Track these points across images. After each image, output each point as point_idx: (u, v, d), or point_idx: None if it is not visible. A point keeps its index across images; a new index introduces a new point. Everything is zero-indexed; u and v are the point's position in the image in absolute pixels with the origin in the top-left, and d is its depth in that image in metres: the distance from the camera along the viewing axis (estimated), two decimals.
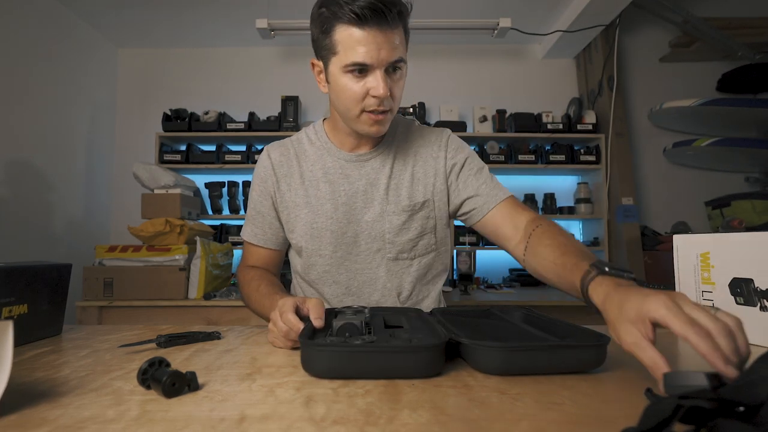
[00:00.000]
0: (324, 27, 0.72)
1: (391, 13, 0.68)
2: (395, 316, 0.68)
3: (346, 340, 0.51)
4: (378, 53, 0.69)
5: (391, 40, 0.70)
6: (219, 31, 2.58)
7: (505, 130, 2.50)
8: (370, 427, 0.35)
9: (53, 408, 0.39)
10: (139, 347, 0.62)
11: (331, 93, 0.80)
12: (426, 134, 0.91)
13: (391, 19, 0.68)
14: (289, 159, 0.90)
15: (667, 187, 2.66)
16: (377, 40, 0.69)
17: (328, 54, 0.75)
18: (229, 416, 0.37)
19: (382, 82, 0.71)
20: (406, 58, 0.76)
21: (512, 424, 0.35)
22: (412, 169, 0.87)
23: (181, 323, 0.83)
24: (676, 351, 0.60)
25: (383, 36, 0.69)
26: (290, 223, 0.89)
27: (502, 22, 2.12)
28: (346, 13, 0.67)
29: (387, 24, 0.68)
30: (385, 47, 0.69)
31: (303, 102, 2.67)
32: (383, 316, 0.68)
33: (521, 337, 0.59)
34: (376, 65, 0.71)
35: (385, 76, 0.72)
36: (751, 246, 0.62)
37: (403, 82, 0.77)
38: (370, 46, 0.69)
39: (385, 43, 0.69)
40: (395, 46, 0.71)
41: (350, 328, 0.55)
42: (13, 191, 1.98)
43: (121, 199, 2.66)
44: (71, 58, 2.37)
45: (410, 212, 0.86)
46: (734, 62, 2.60)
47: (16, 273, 0.63)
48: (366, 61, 0.70)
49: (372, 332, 0.57)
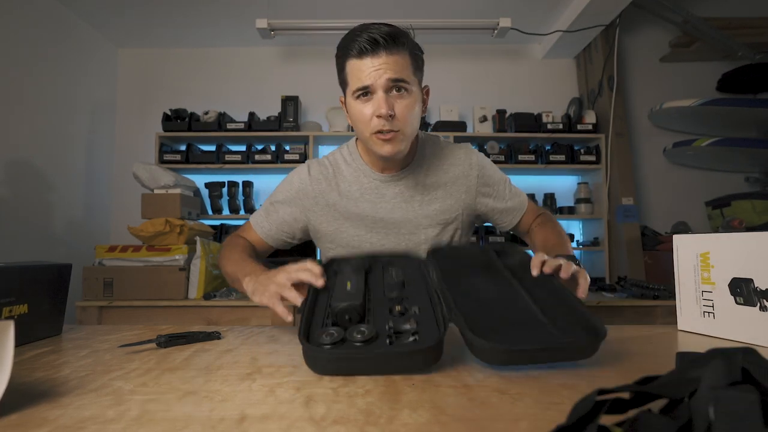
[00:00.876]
0: (339, 66, 0.84)
1: (386, 42, 0.76)
2: (395, 274, 0.69)
3: (346, 335, 0.51)
4: (377, 74, 0.77)
5: (390, 63, 0.77)
6: (219, 31, 2.58)
7: (505, 130, 2.50)
8: (370, 427, 0.35)
9: (53, 408, 0.39)
10: (139, 347, 0.62)
11: (351, 121, 0.87)
12: (454, 151, 0.97)
13: (387, 46, 0.77)
14: (327, 177, 0.95)
15: (667, 187, 2.66)
16: (375, 65, 0.77)
17: (345, 87, 0.85)
18: (229, 416, 0.37)
19: (382, 101, 0.78)
20: (415, 80, 0.82)
21: (512, 424, 0.35)
22: (444, 185, 0.94)
23: (181, 323, 0.83)
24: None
25: (380, 61, 0.77)
26: (329, 235, 0.95)
27: (502, 22, 2.13)
28: (351, 50, 0.79)
29: (385, 50, 0.77)
30: (383, 69, 0.77)
31: (303, 102, 2.67)
32: (383, 273, 0.71)
33: (518, 322, 0.56)
34: (377, 86, 0.78)
35: (387, 97, 0.79)
36: (751, 246, 0.62)
37: (411, 104, 0.81)
38: (370, 70, 0.78)
39: (383, 65, 0.77)
40: (394, 69, 0.78)
41: (350, 311, 0.56)
42: (13, 191, 1.98)
43: (121, 199, 2.66)
44: (71, 58, 2.37)
45: (443, 225, 0.94)
46: (734, 62, 2.60)
47: (16, 273, 0.63)
48: (366, 83, 0.78)
49: (371, 315, 0.58)
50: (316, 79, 2.73)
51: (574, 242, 2.50)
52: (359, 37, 0.77)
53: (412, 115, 0.81)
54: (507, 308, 0.59)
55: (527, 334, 0.53)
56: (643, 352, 0.58)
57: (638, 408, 0.29)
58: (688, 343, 0.64)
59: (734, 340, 0.64)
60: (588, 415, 0.26)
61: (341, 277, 0.66)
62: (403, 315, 0.57)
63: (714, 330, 0.67)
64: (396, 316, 0.57)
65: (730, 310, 0.64)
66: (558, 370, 0.49)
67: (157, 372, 0.50)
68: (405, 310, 0.58)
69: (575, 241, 2.51)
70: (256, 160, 2.43)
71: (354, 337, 0.51)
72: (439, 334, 0.51)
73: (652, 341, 0.64)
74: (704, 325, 0.68)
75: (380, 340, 0.51)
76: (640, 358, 0.55)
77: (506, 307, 0.60)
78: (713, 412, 0.23)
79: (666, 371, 0.33)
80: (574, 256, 0.80)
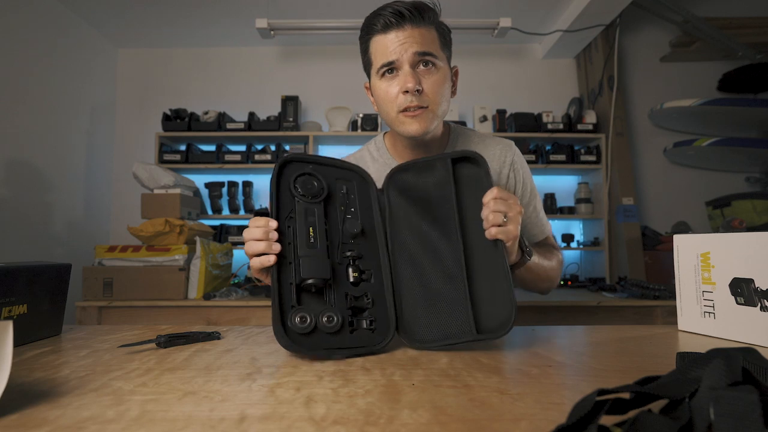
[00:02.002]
0: (363, 47, 0.80)
1: (412, 14, 0.73)
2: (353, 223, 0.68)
3: (317, 322, 0.58)
4: (402, 48, 0.74)
5: (416, 36, 0.73)
6: (219, 31, 2.58)
7: (505, 130, 2.50)
8: (370, 427, 0.35)
9: (53, 408, 0.39)
10: (139, 347, 0.61)
11: (376, 104, 0.83)
12: (490, 147, 0.90)
13: (413, 19, 0.73)
14: None
15: (667, 187, 2.66)
16: (400, 39, 0.74)
17: (369, 69, 0.81)
18: (229, 416, 0.37)
19: (409, 76, 0.74)
20: (443, 56, 0.77)
21: (512, 424, 0.35)
22: None
23: (181, 323, 0.83)
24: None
25: (406, 34, 0.73)
26: None
27: (502, 22, 2.13)
28: (374, 25, 0.75)
29: (410, 23, 0.73)
30: (409, 42, 0.73)
31: (303, 102, 2.67)
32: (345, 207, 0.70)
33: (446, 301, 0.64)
34: (403, 60, 0.74)
35: (414, 72, 0.75)
36: (751, 246, 0.62)
37: (440, 80, 0.76)
38: (395, 44, 0.74)
39: (409, 38, 0.73)
40: (421, 42, 0.74)
41: (317, 284, 0.60)
42: (13, 191, 1.98)
43: (121, 199, 2.66)
44: (71, 58, 2.37)
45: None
46: (735, 62, 2.60)
47: (16, 273, 0.63)
48: (392, 58, 0.74)
49: (333, 285, 0.62)
50: (316, 79, 2.73)
51: (574, 242, 2.50)
52: (384, 11, 0.73)
53: (441, 91, 0.76)
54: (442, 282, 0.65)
55: (448, 320, 0.62)
56: (643, 353, 0.58)
57: (638, 408, 0.29)
58: (689, 344, 0.64)
59: (735, 341, 0.64)
60: (588, 415, 0.26)
61: (302, 219, 0.64)
62: (358, 299, 0.63)
63: (714, 330, 0.67)
64: (353, 299, 0.63)
65: (731, 311, 0.64)
66: (558, 370, 0.49)
67: (157, 372, 0.50)
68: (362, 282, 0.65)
69: (575, 241, 2.51)
70: (256, 160, 2.43)
71: (324, 326, 0.59)
72: (390, 326, 0.62)
73: (652, 341, 0.64)
74: (705, 326, 0.68)
75: (343, 329, 0.60)
76: (640, 358, 0.55)
77: (442, 280, 0.66)
78: (714, 412, 0.23)
79: (666, 371, 0.33)
80: (530, 252, 0.76)
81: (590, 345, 0.65)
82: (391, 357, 0.56)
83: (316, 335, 0.58)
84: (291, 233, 0.63)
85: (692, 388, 0.28)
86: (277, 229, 0.61)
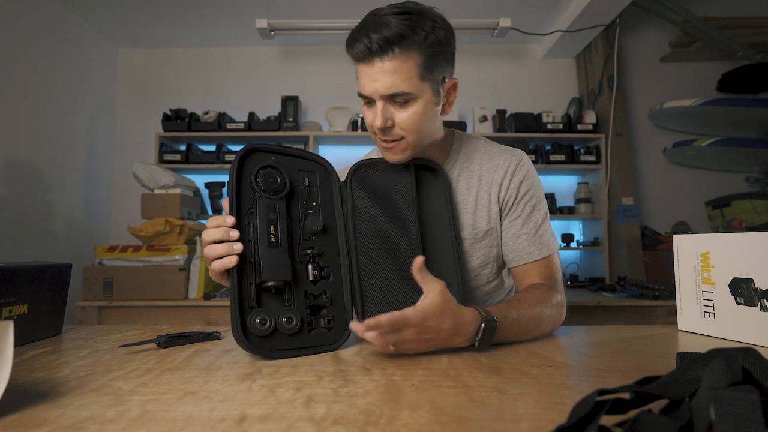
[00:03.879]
0: (355, 68, 0.75)
1: (381, 48, 0.67)
2: (314, 221, 0.67)
3: (276, 324, 0.58)
4: (372, 86, 0.70)
5: (386, 71, 0.68)
6: (219, 31, 2.58)
7: (505, 130, 2.50)
8: (370, 427, 0.35)
9: (53, 408, 0.39)
10: (139, 347, 0.61)
11: None
12: (495, 156, 0.84)
13: (383, 52, 0.67)
14: None
15: (667, 187, 2.66)
16: (370, 75, 0.69)
17: None
18: (229, 416, 0.37)
19: (377, 114, 0.71)
20: (422, 86, 0.70)
21: (512, 424, 0.35)
22: (476, 194, 0.82)
23: (181, 323, 0.83)
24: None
25: (375, 70, 0.69)
26: None
27: (502, 22, 2.12)
28: (351, 48, 0.71)
29: (379, 58, 0.68)
30: (380, 80, 0.69)
31: (303, 102, 2.67)
32: (306, 202, 0.68)
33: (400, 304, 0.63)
34: (374, 97, 0.71)
35: (387, 108, 0.71)
36: (751, 246, 0.62)
37: (416, 111, 0.71)
38: (366, 80, 0.70)
39: (379, 75, 0.69)
40: (390, 81, 0.68)
41: (277, 285, 0.60)
42: (13, 191, 1.98)
43: (121, 199, 2.66)
44: (71, 58, 2.37)
45: (473, 240, 0.81)
46: (734, 62, 2.60)
47: (16, 273, 0.63)
48: (363, 93, 0.72)
49: (293, 291, 0.62)
50: (316, 79, 2.73)
51: (574, 242, 2.50)
52: (358, 40, 0.68)
53: (417, 121, 0.72)
54: (400, 282, 0.67)
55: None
56: (643, 352, 0.58)
57: (639, 408, 0.29)
58: (689, 344, 0.64)
59: (735, 341, 0.64)
60: (588, 415, 0.26)
61: (263, 216, 0.62)
62: (317, 297, 0.64)
63: (714, 330, 0.67)
64: (312, 297, 0.63)
65: (731, 311, 0.64)
66: (558, 370, 0.49)
67: (157, 372, 0.50)
68: (321, 280, 0.65)
69: (575, 241, 2.51)
70: None
71: (284, 327, 0.59)
72: (347, 324, 0.62)
73: (652, 341, 0.64)
74: (705, 325, 0.68)
75: (302, 329, 0.60)
76: (640, 358, 0.55)
77: (400, 280, 0.67)
78: (714, 412, 0.23)
79: (666, 371, 0.33)
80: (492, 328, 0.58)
81: (590, 345, 0.65)
82: (391, 357, 0.56)
83: (275, 336, 0.58)
84: (251, 230, 0.62)
85: (692, 388, 0.28)
86: (237, 226, 0.60)
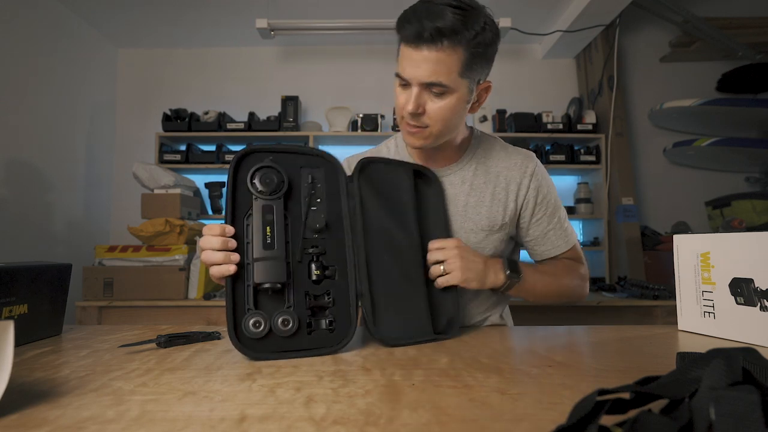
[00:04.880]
0: (398, 47, 0.78)
1: (432, 37, 0.70)
2: (317, 217, 0.66)
3: (271, 325, 0.57)
4: (413, 71, 0.72)
5: (431, 61, 0.71)
6: (219, 31, 2.58)
7: (505, 130, 2.50)
8: (370, 427, 0.35)
9: (53, 408, 0.39)
10: (139, 347, 0.61)
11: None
12: (512, 155, 0.90)
13: (433, 41, 0.70)
14: None
15: (667, 187, 2.66)
16: (414, 60, 0.72)
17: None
18: (229, 416, 0.37)
19: (412, 99, 0.74)
20: (460, 81, 0.73)
21: (512, 424, 0.35)
22: (493, 189, 0.87)
23: (181, 323, 0.83)
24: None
25: (421, 56, 0.71)
26: None
27: (502, 22, 2.12)
28: (402, 29, 0.73)
29: (427, 47, 0.70)
30: (422, 67, 0.71)
31: (303, 102, 2.67)
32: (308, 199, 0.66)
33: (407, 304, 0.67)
34: (412, 82, 0.73)
35: (422, 94, 0.74)
36: (751, 246, 0.62)
37: (448, 105, 0.74)
38: (409, 64, 0.73)
39: (423, 63, 0.71)
40: (433, 69, 0.71)
41: (273, 289, 0.59)
42: (13, 191, 1.98)
43: (121, 199, 2.66)
44: (71, 58, 2.37)
45: (488, 232, 0.86)
46: (734, 62, 2.59)
47: (16, 273, 0.63)
48: (402, 74, 0.74)
49: (293, 291, 0.61)
50: (316, 79, 2.73)
51: None
52: (411, 21, 0.71)
53: (446, 115, 0.76)
54: (403, 281, 0.68)
55: (409, 318, 0.66)
56: (643, 352, 0.58)
57: (639, 408, 0.29)
58: (689, 344, 0.64)
59: (735, 341, 0.64)
60: (588, 415, 0.26)
61: (259, 218, 0.61)
62: (318, 297, 0.62)
63: (714, 330, 0.67)
64: (314, 298, 0.62)
65: (731, 311, 0.64)
66: (558, 370, 0.49)
67: (157, 372, 0.50)
68: (325, 279, 0.63)
69: None
70: None
71: (279, 329, 0.58)
72: (350, 325, 0.61)
73: (652, 341, 0.64)
74: (705, 325, 0.68)
75: (300, 330, 0.59)
76: (640, 358, 0.55)
77: (402, 279, 0.69)
78: (714, 412, 0.23)
79: (666, 371, 0.33)
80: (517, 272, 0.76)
81: (590, 345, 0.65)
82: (391, 357, 0.56)
83: (271, 338, 0.57)
84: (249, 232, 0.61)
85: (692, 388, 0.28)
86: (235, 234, 0.60)
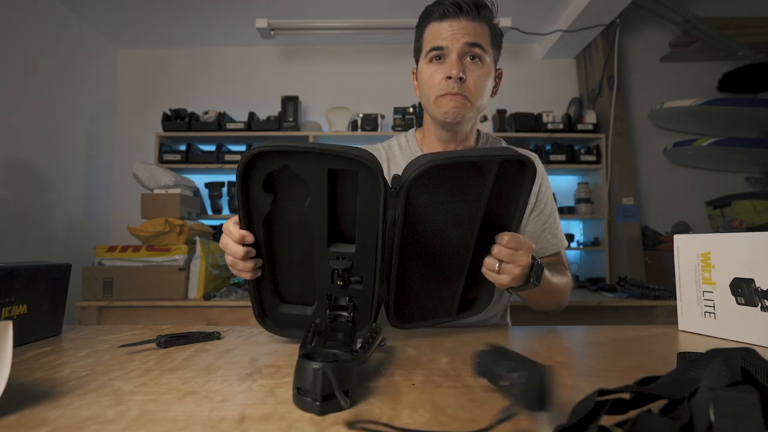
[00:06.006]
0: (418, 33, 0.84)
1: (470, 8, 0.77)
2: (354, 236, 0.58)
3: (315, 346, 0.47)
4: (454, 37, 0.77)
5: (469, 28, 0.77)
6: (219, 31, 2.58)
7: (505, 130, 2.50)
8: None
9: (53, 408, 0.39)
10: (139, 347, 0.61)
11: (419, 88, 0.86)
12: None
13: (470, 13, 0.77)
14: (380, 160, 0.89)
15: (667, 187, 2.66)
16: (453, 28, 0.77)
17: (419, 55, 0.84)
18: (229, 416, 0.37)
19: (455, 63, 0.77)
20: (491, 53, 0.80)
21: (512, 424, 0.35)
22: None
23: (181, 323, 0.83)
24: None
25: (460, 25, 0.77)
26: None
27: (502, 22, 2.12)
28: (432, 13, 0.79)
29: (465, 17, 0.77)
30: (461, 33, 0.77)
31: (303, 102, 2.67)
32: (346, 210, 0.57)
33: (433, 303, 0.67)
34: (452, 48, 0.77)
35: (460, 62, 0.77)
36: (751, 246, 0.62)
37: (484, 74, 0.79)
38: (448, 32, 0.77)
39: (462, 29, 0.77)
40: (473, 34, 0.77)
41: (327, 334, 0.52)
42: (13, 191, 1.98)
43: (121, 199, 2.66)
44: (71, 58, 2.37)
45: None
46: (735, 62, 2.59)
47: (16, 273, 0.63)
48: (442, 44, 0.77)
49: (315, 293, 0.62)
50: (316, 79, 2.73)
51: (574, 242, 2.50)
52: (444, 1, 0.77)
53: (483, 85, 0.78)
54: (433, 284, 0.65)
55: (433, 304, 0.66)
56: (643, 352, 0.58)
57: (639, 408, 0.29)
58: (689, 344, 0.64)
59: (735, 341, 0.64)
60: (588, 415, 0.26)
61: (282, 225, 0.58)
62: (339, 299, 0.61)
63: (715, 330, 0.67)
64: (335, 299, 0.61)
65: (731, 311, 0.64)
66: (558, 370, 0.49)
67: (157, 372, 0.50)
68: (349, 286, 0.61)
69: (575, 241, 2.51)
70: None
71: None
72: (369, 324, 0.61)
73: (652, 341, 0.64)
74: (705, 326, 0.68)
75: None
76: (640, 358, 0.55)
77: (433, 282, 0.65)
78: (713, 412, 0.23)
79: (666, 371, 0.33)
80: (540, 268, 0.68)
81: (590, 345, 0.65)
82: (391, 357, 0.56)
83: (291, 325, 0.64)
84: (266, 234, 0.58)
85: (692, 388, 0.28)
86: (251, 237, 0.58)
